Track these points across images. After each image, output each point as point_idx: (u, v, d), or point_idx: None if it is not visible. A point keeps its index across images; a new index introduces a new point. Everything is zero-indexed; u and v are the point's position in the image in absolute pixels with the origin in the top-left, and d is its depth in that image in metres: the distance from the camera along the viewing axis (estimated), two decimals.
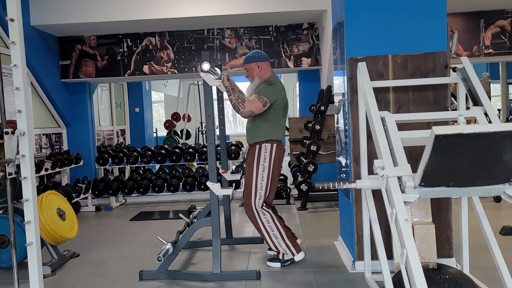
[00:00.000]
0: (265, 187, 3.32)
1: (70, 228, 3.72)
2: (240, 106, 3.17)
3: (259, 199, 3.31)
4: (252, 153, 3.39)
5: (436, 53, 3.02)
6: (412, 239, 1.84)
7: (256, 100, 3.22)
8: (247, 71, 3.47)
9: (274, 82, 3.36)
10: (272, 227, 3.31)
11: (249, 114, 3.22)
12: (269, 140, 3.34)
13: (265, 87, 3.30)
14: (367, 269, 2.98)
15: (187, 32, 6.13)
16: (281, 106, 3.36)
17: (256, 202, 3.31)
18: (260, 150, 3.34)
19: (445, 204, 3.05)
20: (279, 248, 3.33)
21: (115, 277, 3.29)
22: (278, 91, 3.33)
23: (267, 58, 3.46)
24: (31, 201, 2.47)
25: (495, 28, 5.76)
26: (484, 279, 2.77)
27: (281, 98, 3.35)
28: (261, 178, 3.31)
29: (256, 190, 3.31)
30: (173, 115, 10.32)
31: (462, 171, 1.85)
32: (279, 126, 3.39)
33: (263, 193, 3.31)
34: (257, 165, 3.33)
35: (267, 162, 3.33)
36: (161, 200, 6.50)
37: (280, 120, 3.39)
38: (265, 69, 3.42)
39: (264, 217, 3.31)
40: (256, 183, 3.31)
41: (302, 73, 6.54)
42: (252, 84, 3.45)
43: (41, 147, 5.81)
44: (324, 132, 5.80)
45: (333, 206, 5.50)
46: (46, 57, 5.85)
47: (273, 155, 3.34)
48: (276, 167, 3.37)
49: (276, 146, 3.36)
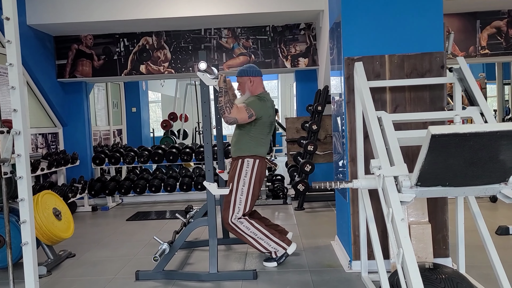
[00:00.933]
0: (244, 202, 3.32)
1: (66, 228, 3.71)
2: (226, 110, 3.17)
3: (237, 213, 3.32)
4: (234, 167, 3.40)
5: (433, 53, 3.03)
6: (409, 238, 1.84)
7: (243, 110, 3.23)
8: (239, 84, 3.49)
9: (265, 99, 3.39)
10: (254, 232, 3.31)
11: (232, 120, 3.22)
12: (252, 156, 3.35)
13: (256, 101, 3.32)
14: (363, 268, 2.98)
15: (184, 31, 6.12)
16: (267, 123, 3.38)
17: (233, 216, 3.32)
18: (242, 164, 3.35)
19: (441, 203, 3.06)
20: (269, 248, 3.34)
21: (111, 277, 3.28)
22: (267, 108, 3.36)
23: (261, 74, 3.49)
24: (27, 201, 2.46)
25: (491, 28, 5.78)
26: (480, 278, 2.78)
27: (268, 116, 3.38)
28: (240, 192, 3.32)
29: (234, 204, 3.32)
30: (170, 115, 10.31)
31: (458, 170, 1.85)
32: (263, 143, 3.41)
33: (241, 207, 3.32)
34: (238, 180, 3.34)
35: (248, 177, 3.34)
36: (158, 200, 6.48)
37: (265, 137, 3.41)
38: (257, 84, 3.45)
39: (242, 226, 3.31)
40: (235, 197, 3.32)
41: (299, 73, 6.54)
42: (242, 97, 3.48)
43: (37, 146, 5.79)
44: (321, 132, 5.80)
45: (330, 206, 5.51)
46: (42, 57, 5.83)
47: (254, 170, 3.35)
48: (257, 183, 3.38)
49: (258, 162, 3.37)
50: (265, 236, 3.32)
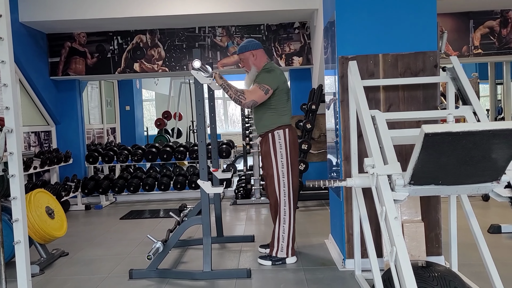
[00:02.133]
0: (286, 174, 3.29)
1: (59, 227, 3.69)
2: (241, 98, 3.16)
3: (284, 186, 3.29)
4: (266, 142, 3.35)
5: (426, 52, 3.04)
6: (402, 237, 1.85)
7: (257, 89, 3.20)
8: (242, 61, 3.45)
9: (273, 68, 3.34)
10: (286, 220, 3.30)
11: (251, 103, 3.21)
12: (279, 127, 3.31)
13: (265, 75, 3.28)
14: (357, 267, 2.99)
15: (178, 30, 6.11)
16: (284, 90, 3.34)
17: (281, 190, 3.29)
18: (274, 138, 3.31)
19: (434, 202, 3.08)
20: (279, 243, 3.31)
21: (104, 275, 3.27)
22: (278, 76, 3.31)
23: (261, 46, 3.44)
24: (19, 199, 2.45)
25: (484, 28, 5.82)
26: (472, 276, 2.80)
27: (283, 82, 3.33)
28: (281, 165, 3.28)
29: (278, 179, 3.29)
30: (164, 113, 10.27)
31: (451, 169, 1.86)
32: (285, 112, 3.35)
33: (285, 180, 3.29)
34: (275, 154, 3.29)
35: (284, 149, 3.29)
36: (151, 198, 6.47)
37: (285, 104, 3.36)
38: (260, 56, 3.40)
39: (284, 208, 3.30)
40: (277, 172, 3.29)
41: (294, 72, 6.54)
42: (249, 74, 3.43)
43: (29, 145, 5.75)
44: (315, 131, 5.82)
45: (323, 205, 5.52)
46: (35, 54, 5.79)
47: (287, 140, 3.31)
48: (293, 151, 3.34)
49: (288, 131, 3.33)
50: (288, 232, 3.30)
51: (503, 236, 3.80)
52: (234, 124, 14.81)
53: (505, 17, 5.78)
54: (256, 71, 3.38)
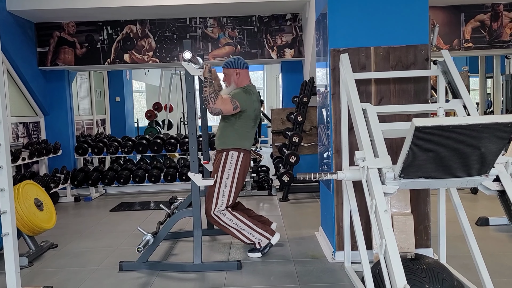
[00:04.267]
0: (227, 195, 3.32)
1: (48, 219, 3.66)
2: (211, 100, 3.15)
3: (220, 205, 3.31)
4: (218, 159, 3.39)
5: (418, 45, 3.04)
6: (391, 229, 1.86)
7: (228, 101, 3.21)
8: (225, 76, 3.47)
9: (251, 92, 3.38)
10: (237, 223, 3.32)
11: (217, 111, 3.20)
12: (236, 149, 3.35)
13: (241, 93, 3.30)
14: (347, 259, 3.01)
15: (169, 20, 6.04)
16: (252, 116, 3.37)
17: (216, 209, 3.31)
18: (227, 157, 3.34)
19: (424, 195, 3.10)
20: (253, 239, 3.35)
21: (94, 267, 3.25)
22: (252, 101, 3.35)
23: (247, 67, 3.46)
24: (7, 191, 2.42)
25: (475, 22, 5.84)
26: (460, 268, 2.84)
27: (253, 109, 3.36)
28: (224, 185, 3.32)
29: (218, 197, 3.31)
30: (155, 105, 10.21)
31: (441, 162, 1.87)
32: (248, 136, 3.40)
33: (225, 200, 3.32)
34: (222, 172, 3.33)
35: (232, 170, 3.33)
36: (142, 190, 6.44)
37: (250, 130, 3.41)
38: (243, 77, 3.43)
39: (225, 217, 3.31)
40: (218, 190, 3.31)
41: (285, 64, 6.52)
42: (227, 88, 3.46)
43: (18, 136, 5.67)
44: (307, 123, 5.82)
45: (314, 198, 5.55)
46: (23, 44, 5.70)
47: (239, 163, 3.35)
48: (241, 176, 3.38)
49: (243, 155, 3.37)
50: (248, 227, 3.32)
51: (491, 229, 3.85)
52: None
53: (496, 11, 5.81)
54: (234, 88, 3.40)
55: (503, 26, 5.82)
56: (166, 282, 2.95)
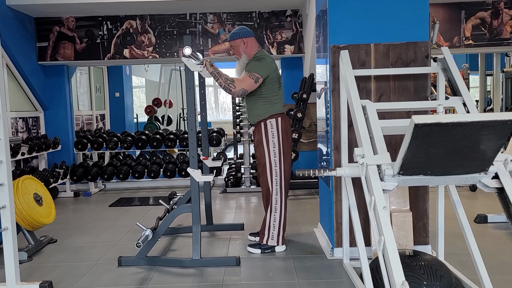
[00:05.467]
0: (279, 163, 3.29)
1: (47, 214, 3.66)
2: (230, 86, 3.14)
3: (276, 176, 3.29)
4: (258, 131, 3.34)
5: (418, 42, 3.04)
6: (390, 226, 1.87)
7: (247, 78, 3.18)
8: (233, 49, 3.43)
9: (263, 56, 3.32)
10: (277, 209, 3.31)
11: (241, 92, 3.18)
12: (271, 116, 3.30)
13: (255, 63, 3.25)
14: (345, 255, 3.02)
15: (169, 16, 6.02)
16: (275, 78, 3.32)
17: (273, 180, 3.29)
18: (266, 127, 3.30)
19: (423, 192, 3.11)
20: (269, 232, 3.32)
21: (93, 263, 3.26)
22: (269, 64, 3.29)
23: (253, 34, 3.41)
24: (6, 186, 2.42)
25: (476, 19, 5.83)
26: (458, 265, 2.84)
27: (273, 70, 3.31)
28: (273, 154, 3.28)
29: (271, 167, 3.29)
30: (154, 100, 10.19)
31: (440, 160, 1.88)
32: (276, 100, 3.35)
33: (278, 169, 3.29)
34: (267, 143, 3.29)
35: (276, 138, 3.29)
36: (141, 186, 6.44)
37: (276, 93, 3.35)
38: (251, 45, 3.38)
39: (276, 196, 3.30)
40: (270, 160, 3.29)
41: (285, 60, 6.51)
42: (239, 62, 3.40)
43: (17, 131, 5.67)
44: (306, 120, 5.82)
45: (313, 194, 5.55)
46: (22, 38, 5.68)
47: (279, 129, 3.30)
48: (286, 140, 3.33)
49: (280, 120, 3.32)
50: (279, 221, 3.32)
51: (489, 226, 3.86)
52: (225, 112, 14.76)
53: (496, 8, 5.80)
54: (246, 59, 3.35)
55: (503, 23, 5.81)
56: (165, 277, 2.96)
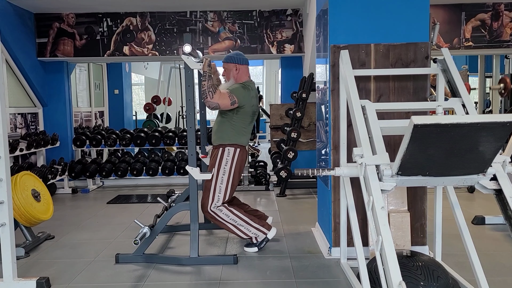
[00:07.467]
0: (223, 191, 3.32)
1: (45, 210, 3.66)
2: (209, 94, 3.14)
3: (217, 201, 3.31)
4: (215, 155, 3.39)
5: (418, 43, 3.04)
6: (388, 226, 1.87)
7: (226, 96, 3.20)
8: (225, 70, 3.47)
9: (249, 88, 3.37)
10: (234, 218, 3.32)
11: (214, 105, 3.19)
12: (233, 145, 3.35)
13: (240, 88, 3.30)
14: (343, 255, 3.02)
15: (169, 13, 6.02)
16: (250, 112, 3.37)
17: (212, 205, 3.31)
18: (223, 153, 3.34)
19: (421, 193, 3.11)
20: (250, 234, 3.35)
21: (90, 259, 3.26)
22: (250, 97, 3.35)
23: (247, 62, 3.46)
24: (5, 181, 2.42)
25: (476, 21, 5.84)
26: (456, 266, 2.85)
27: (251, 105, 3.36)
28: (220, 181, 3.32)
29: (214, 193, 3.31)
30: (153, 98, 10.18)
31: (439, 160, 1.88)
32: (245, 132, 3.40)
33: (221, 196, 3.32)
34: (218, 168, 3.33)
35: (228, 166, 3.33)
36: (139, 183, 6.44)
37: (247, 126, 3.40)
38: (243, 72, 3.43)
39: (221, 213, 3.31)
40: (215, 186, 3.31)
41: (285, 59, 6.51)
42: (226, 83, 3.45)
43: (16, 126, 5.66)
44: (305, 119, 5.82)
45: (311, 193, 5.56)
46: (22, 34, 5.67)
47: (235, 160, 3.35)
48: (237, 171, 3.37)
49: (239, 151, 3.37)
50: (245, 222, 3.33)
51: (487, 228, 3.87)
52: None
53: (496, 10, 5.80)
54: (233, 83, 3.40)
55: (503, 25, 5.82)
56: (162, 275, 2.96)
